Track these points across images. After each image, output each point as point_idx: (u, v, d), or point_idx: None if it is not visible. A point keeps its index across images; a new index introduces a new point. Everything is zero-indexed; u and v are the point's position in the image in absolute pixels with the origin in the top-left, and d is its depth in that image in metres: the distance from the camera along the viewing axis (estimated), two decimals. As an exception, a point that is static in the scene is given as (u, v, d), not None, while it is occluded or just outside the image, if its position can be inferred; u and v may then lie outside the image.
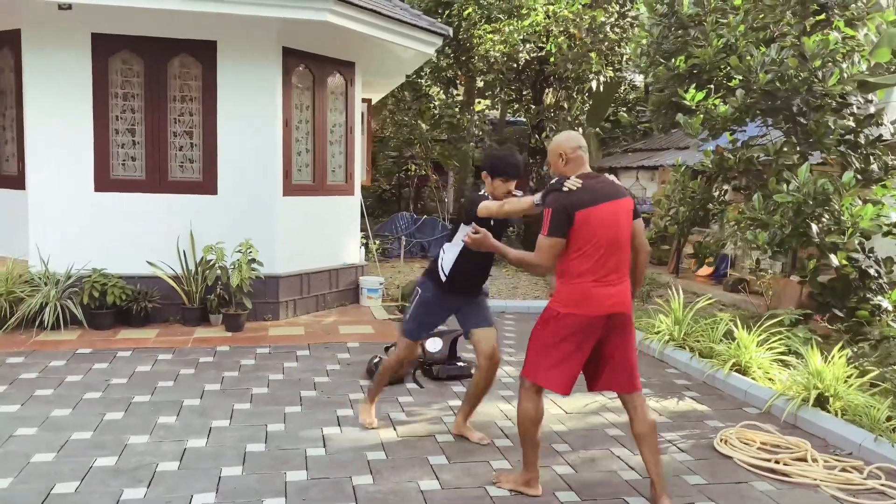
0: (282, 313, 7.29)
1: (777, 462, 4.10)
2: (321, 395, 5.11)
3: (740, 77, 6.53)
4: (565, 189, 3.40)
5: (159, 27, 6.73)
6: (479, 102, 15.49)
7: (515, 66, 14.13)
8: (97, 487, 3.58)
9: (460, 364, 5.64)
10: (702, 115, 6.73)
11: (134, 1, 6.08)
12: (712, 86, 7.04)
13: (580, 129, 15.03)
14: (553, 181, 3.58)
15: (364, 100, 10.32)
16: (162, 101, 6.88)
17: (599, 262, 3.38)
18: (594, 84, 14.30)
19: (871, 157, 6.72)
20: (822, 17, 6.73)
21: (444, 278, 4.18)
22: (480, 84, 15.01)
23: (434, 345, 5.66)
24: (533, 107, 15.15)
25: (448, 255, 4.19)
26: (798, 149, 6.80)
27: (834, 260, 6.28)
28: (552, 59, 13.30)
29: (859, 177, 6.50)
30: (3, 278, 6.36)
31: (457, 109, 14.49)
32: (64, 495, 3.49)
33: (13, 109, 6.91)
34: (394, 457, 4.08)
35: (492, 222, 4.00)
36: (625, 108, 16.57)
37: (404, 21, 7.26)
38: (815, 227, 6.10)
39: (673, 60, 7.09)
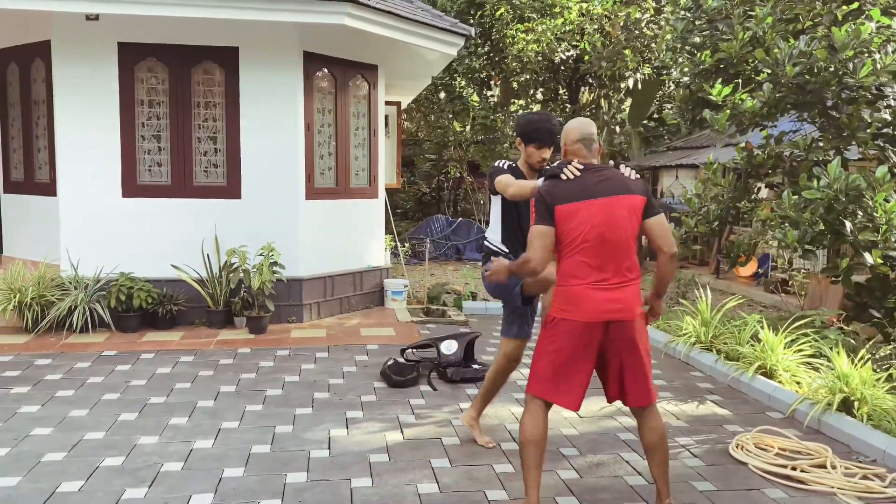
0: (305, 315, 7.34)
1: (794, 469, 3.93)
2: (333, 397, 5.11)
3: (768, 70, 6.31)
4: (563, 176, 3.23)
5: (183, 35, 6.86)
6: (515, 102, 15.38)
7: (550, 65, 14.00)
8: (100, 486, 3.64)
9: (475, 367, 5.59)
10: (728, 111, 6.53)
11: (157, 10, 6.20)
12: (739, 80, 6.82)
13: (617, 129, 14.82)
14: (550, 166, 3.42)
15: (393, 103, 10.36)
16: (186, 107, 7.00)
17: (593, 263, 3.16)
18: (631, 82, 14.08)
19: (910, 151, 6.42)
20: (856, 5, 6.46)
21: (503, 253, 4.03)
22: (515, 85, 14.92)
23: (449, 347, 5.62)
24: (569, 106, 15.00)
25: (493, 228, 4.10)
26: (832, 144, 6.53)
27: (868, 258, 6.01)
28: (587, 58, 13.14)
29: (896, 171, 6.21)
30: (35, 282, 6.56)
31: (491, 110, 14.43)
32: (67, 494, 3.55)
33: (45, 118, 7.13)
34: (396, 459, 4.05)
35: (520, 204, 3.97)
36: (669, 106, 16.27)
37: (424, 22, 7.25)
38: (848, 225, 5.86)
39: (698, 55, 6.90)
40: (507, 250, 4.04)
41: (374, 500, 3.56)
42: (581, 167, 3.24)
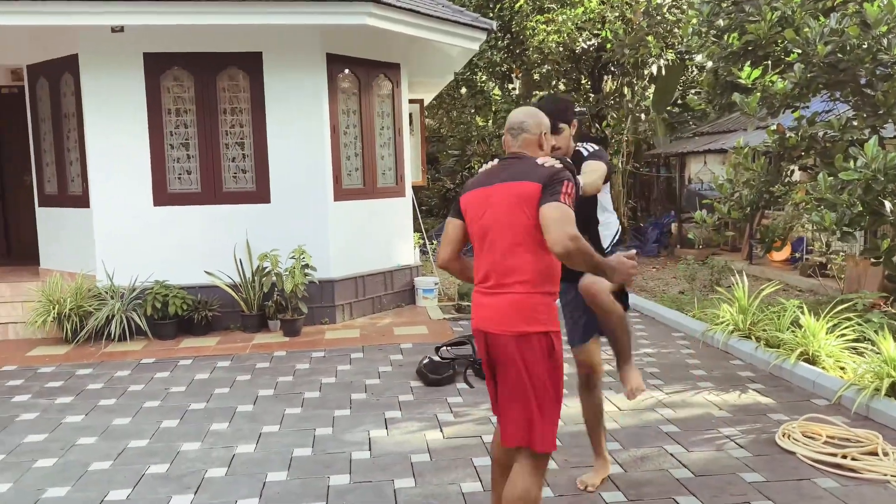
0: (338, 316, 7.36)
1: (844, 457, 3.84)
2: (370, 398, 5.12)
3: (798, 51, 6.18)
4: (482, 169, 2.91)
5: (206, 42, 6.90)
6: (537, 94, 15.27)
7: (571, 55, 13.89)
8: (147, 495, 3.68)
9: (511, 362, 5.54)
10: (759, 94, 6.41)
11: (179, 18, 6.25)
12: (769, 62, 6.70)
13: (643, 116, 14.65)
14: None
15: (416, 100, 10.35)
16: (213, 114, 7.05)
17: (480, 262, 2.75)
18: (655, 69, 13.90)
19: (950, 127, 6.25)
20: (888, -21, 6.29)
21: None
22: (536, 76, 14.82)
23: (484, 343, 5.58)
24: (592, 95, 14.86)
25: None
26: (867, 122, 6.39)
27: (910, 238, 5.87)
28: (609, 46, 13.00)
29: (936, 148, 6.06)
30: (73, 293, 6.66)
31: (514, 103, 14.36)
32: (115, 502, 3.59)
33: (75, 131, 7.22)
34: (437, 459, 4.04)
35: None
36: (693, 91, 16.05)
37: (446, 18, 7.22)
38: (888, 205, 5.72)
39: (725, 38, 6.78)
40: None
41: (418, 500, 3.55)
42: (494, 162, 2.88)
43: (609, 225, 3.51)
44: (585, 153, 3.38)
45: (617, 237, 3.54)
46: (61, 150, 7.44)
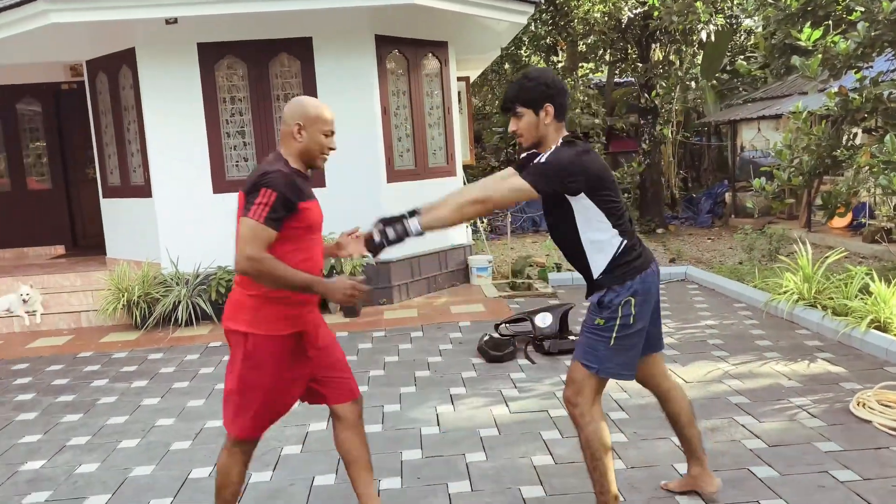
0: (395, 297, 7.45)
1: (923, 425, 3.77)
2: (434, 375, 5.18)
3: (861, 8, 5.97)
4: None
5: (258, 30, 6.99)
6: (583, 66, 15.05)
7: (618, 24, 13.63)
8: (228, 472, 3.80)
9: (572, 338, 5.56)
10: (820, 55, 6.22)
11: (231, 7, 6.33)
12: (829, 22, 6.49)
13: (693, 84, 14.33)
14: None
15: (462, 78, 10.30)
16: (266, 101, 7.15)
17: None
18: (704, 35, 13.56)
19: None
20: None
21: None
22: (582, 48, 14.59)
23: (544, 319, 5.60)
24: (640, 65, 14.58)
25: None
26: (936, 80, 6.16)
27: None
28: (656, 14, 12.71)
29: None
30: (140, 281, 6.87)
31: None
32: (198, 480, 3.73)
33: (135, 123, 7.41)
34: (506, 433, 4.08)
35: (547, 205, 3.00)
36: (742, 56, 15.62)
37: (492, -6, 7.16)
38: (960, 165, 5.52)
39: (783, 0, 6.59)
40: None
41: (490, 473, 3.60)
42: None
43: (602, 247, 2.83)
44: (540, 159, 2.83)
45: (616, 258, 2.82)
46: (122, 142, 7.65)
